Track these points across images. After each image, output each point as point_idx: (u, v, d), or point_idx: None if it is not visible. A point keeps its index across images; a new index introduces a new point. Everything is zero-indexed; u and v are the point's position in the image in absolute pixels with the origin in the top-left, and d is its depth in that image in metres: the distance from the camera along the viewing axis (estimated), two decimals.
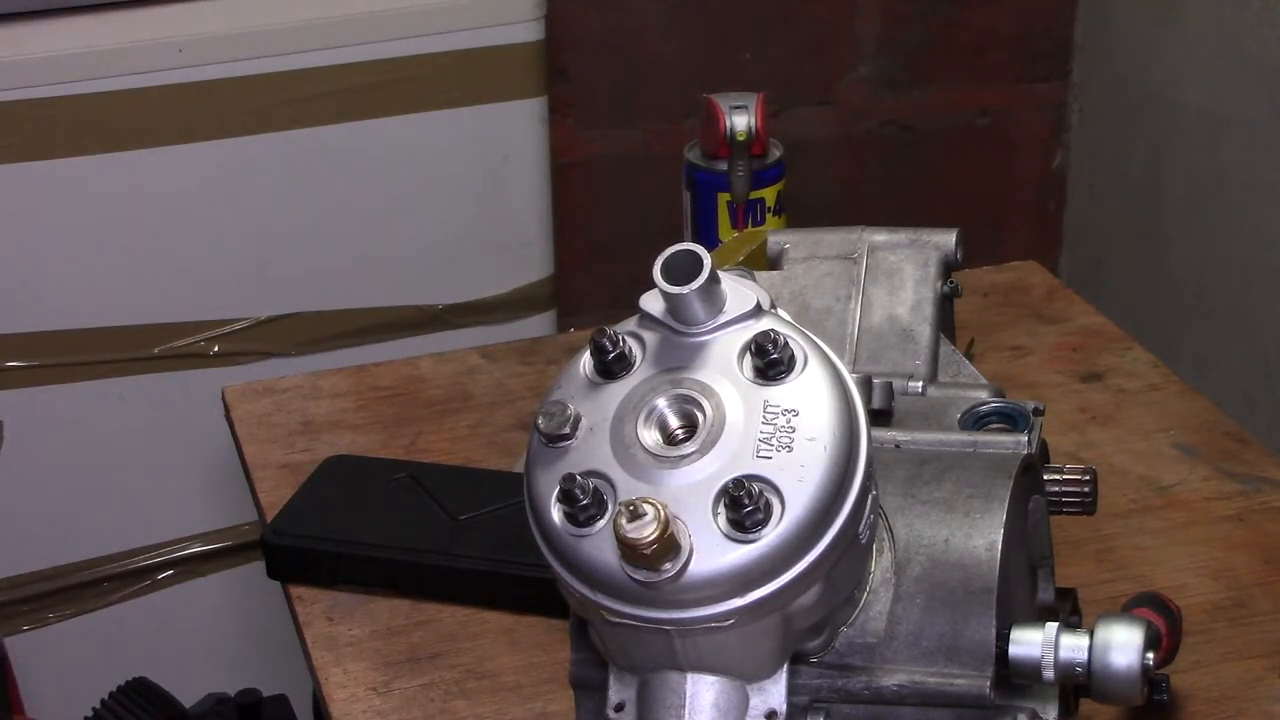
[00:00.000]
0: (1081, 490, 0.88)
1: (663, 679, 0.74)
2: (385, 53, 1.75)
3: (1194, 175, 2.08)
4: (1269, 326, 1.98)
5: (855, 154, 2.24)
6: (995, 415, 0.88)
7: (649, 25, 2.11)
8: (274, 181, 1.75)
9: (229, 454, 1.35)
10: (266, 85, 1.72)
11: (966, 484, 0.80)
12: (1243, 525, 1.17)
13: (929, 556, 0.78)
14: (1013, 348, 1.39)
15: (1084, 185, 2.32)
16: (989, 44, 2.24)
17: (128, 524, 1.81)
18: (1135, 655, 0.76)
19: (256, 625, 1.86)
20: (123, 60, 1.68)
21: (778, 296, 0.93)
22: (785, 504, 0.70)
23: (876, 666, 0.77)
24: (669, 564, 0.69)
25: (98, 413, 1.77)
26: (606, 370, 0.74)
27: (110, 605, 1.83)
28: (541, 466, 0.73)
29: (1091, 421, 1.29)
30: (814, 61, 2.18)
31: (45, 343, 1.74)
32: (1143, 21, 2.14)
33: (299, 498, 1.19)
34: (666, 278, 0.72)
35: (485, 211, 1.83)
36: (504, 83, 1.79)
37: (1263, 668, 1.04)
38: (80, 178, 1.70)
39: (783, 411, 0.71)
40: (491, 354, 1.41)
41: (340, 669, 1.07)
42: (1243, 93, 1.97)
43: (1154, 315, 2.16)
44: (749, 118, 1.45)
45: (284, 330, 1.80)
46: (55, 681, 1.82)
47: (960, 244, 0.99)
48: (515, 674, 1.06)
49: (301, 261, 1.79)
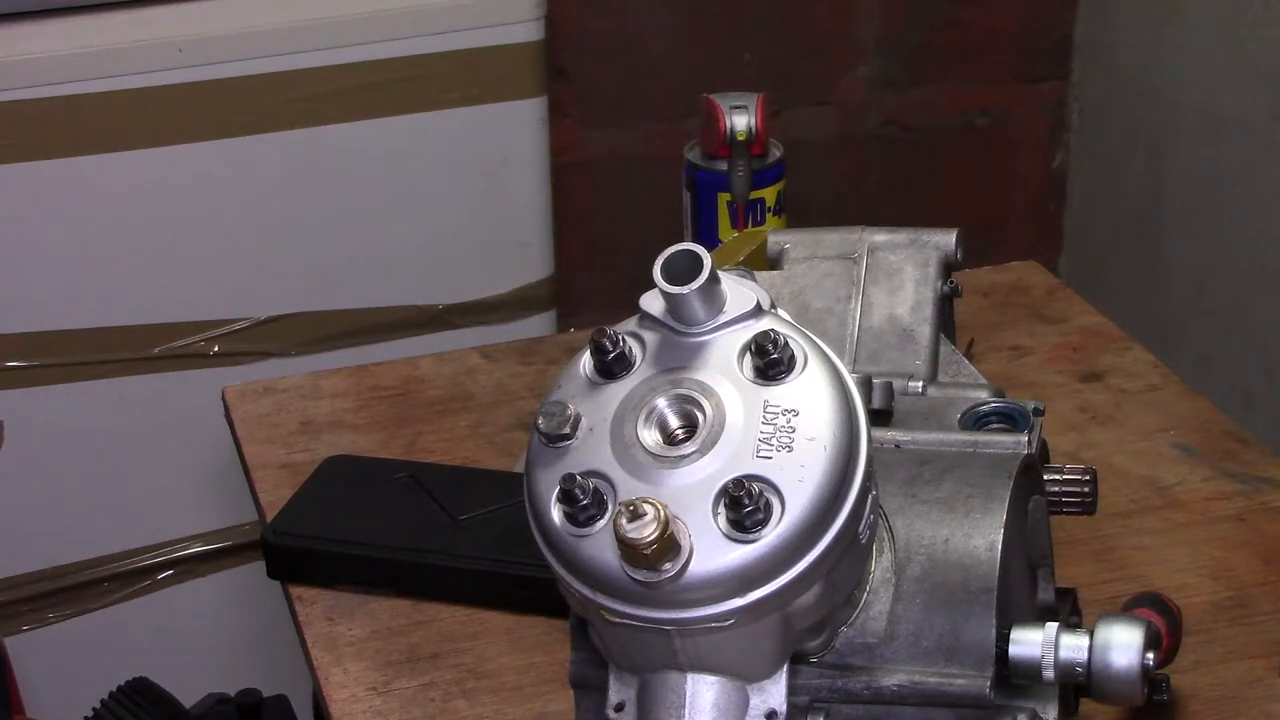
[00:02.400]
0: (1081, 490, 0.88)
1: (663, 679, 0.74)
2: (385, 53, 1.75)
3: (1194, 175, 2.08)
4: (1269, 326, 1.98)
5: (855, 154, 2.24)
6: (995, 415, 0.88)
7: (649, 25, 2.11)
8: (274, 181, 1.76)
9: (229, 454, 1.35)
10: (266, 85, 1.72)
11: (966, 484, 0.80)
12: (1243, 525, 1.17)
13: (929, 556, 0.78)
14: (1013, 348, 1.39)
15: (1084, 185, 2.32)
16: (989, 44, 2.24)
17: (128, 524, 1.81)
18: (1135, 655, 0.76)
19: (256, 625, 1.86)
20: (123, 60, 1.68)
21: (778, 296, 0.93)
22: (785, 504, 0.70)
23: (876, 666, 0.77)
24: (669, 564, 0.69)
25: (98, 413, 1.77)
26: (606, 370, 0.74)
27: (110, 605, 1.83)
28: (541, 466, 0.73)
29: (1091, 421, 1.29)
30: (814, 61, 2.18)
31: (45, 343, 1.74)
32: (1143, 21, 2.14)
33: (299, 498, 1.19)
34: (666, 278, 0.72)
35: (485, 211, 1.83)
36: (504, 83, 1.79)
37: (1263, 668, 1.04)
38: (80, 178, 1.70)
39: (783, 411, 0.71)
40: (491, 354, 1.41)
41: (340, 669, 1.07)
42: (1243, 93, 1.97)
43: (1154, 315, 2.16)
44: (749, 118, 1.45)
45: (284, 330, 1.80)
46: (55, 681, 1.82)
47: (960, 244, 0.99)
48: (515, 674, 1.06)
49: (301, 261, 1.79)
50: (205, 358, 1.78)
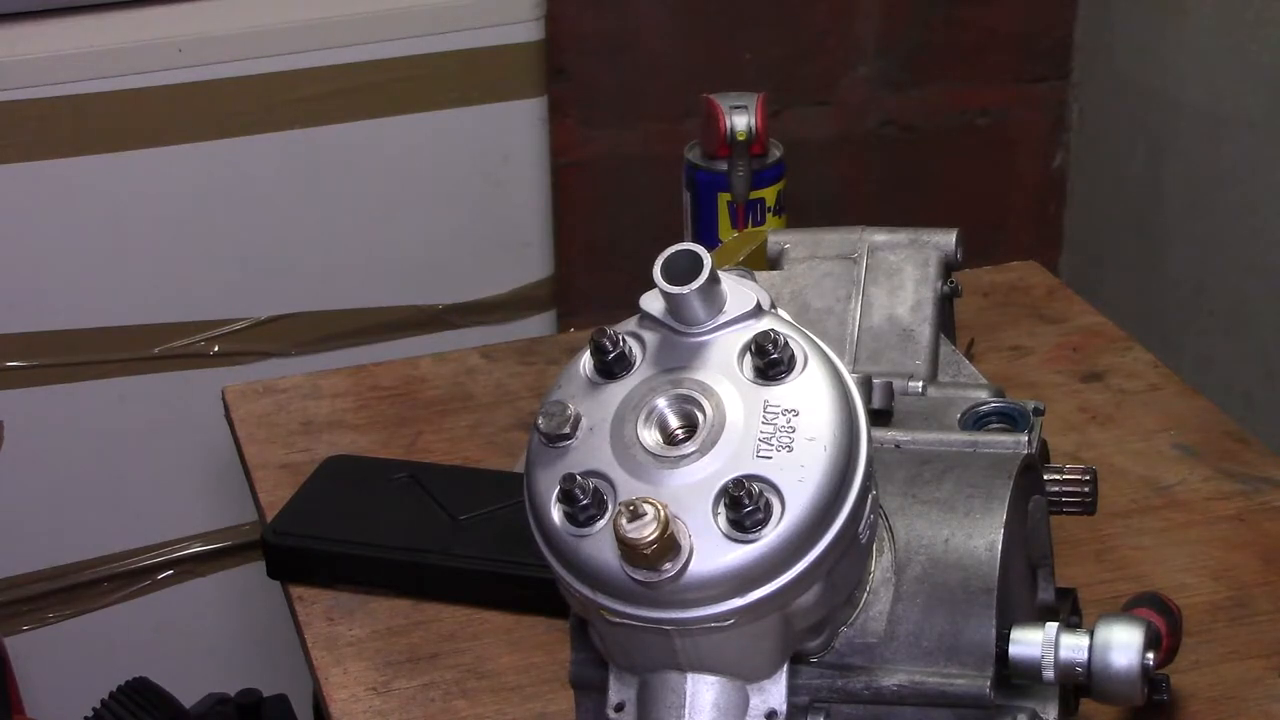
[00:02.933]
0: (1081, 490, 0.88)
1: (663, 679, 0.74)
2: (385, 53, 1.75)
3: (1194, 175, 2.08)
4: (1269, 326, 1.98)
5: (855, 154, 2.24)
6: (995, 415, 0.88)
7: (649, 25, 2.11)
8: (274, 181, 1.75)
9: (229, 454, 1.35)
10: (266, 85, 1.72)
11: (966, 484, 0.80)
12: (1243, 525, 1.17)
13: (929, 556, 0.78)
14: (1013, 348, 1.39)
15: (1084, 185, 2.32)
16: (989, 44, 2.24)
17: (128, 524, 1.81)
18: (1135, 655, 0.76)
19: (256, 625, 1.86)
20: (123, 60, 1.68)
21: (778, 296, 0.93)
22: (785, 504, 0.70)
23: (876, 666, 0.77)
24: (669, 564, 0.69)
25: (98, 413, 1.77)
26: (606, 370, 0.74)
27: (110, 605, 1.83)
28: (541, 466, 0.73)
29: (1091, 421, 1.29)
30: (814, 61, 2.18)
31: (45, 343, 1.74)
32: (1143, 21, 2.14)
33: (299, 498, 1.19)
34: (666, 278, 0.72)
35: (485, 211, 1.83)
36: (504, 83, 1.79)
37: (1263, 668, 1.04)
38: (80, 178, 1.70)
39: (783, 411, 0.71)
40: (491, 354, 1.41)
41: (340, 669, 1.07)
42: (1243, 93, 1.97)
43: (1154, 315, 2.16)
44: (749, 118, 1.45)
45: (284, 330, 1.80)
46: (55, 681, 1.82)
47: (960, 244, 0.99)
48: (515, 674, 1.06)
49: (301, 261, 1.79)
50: (205, 358, 1.78)
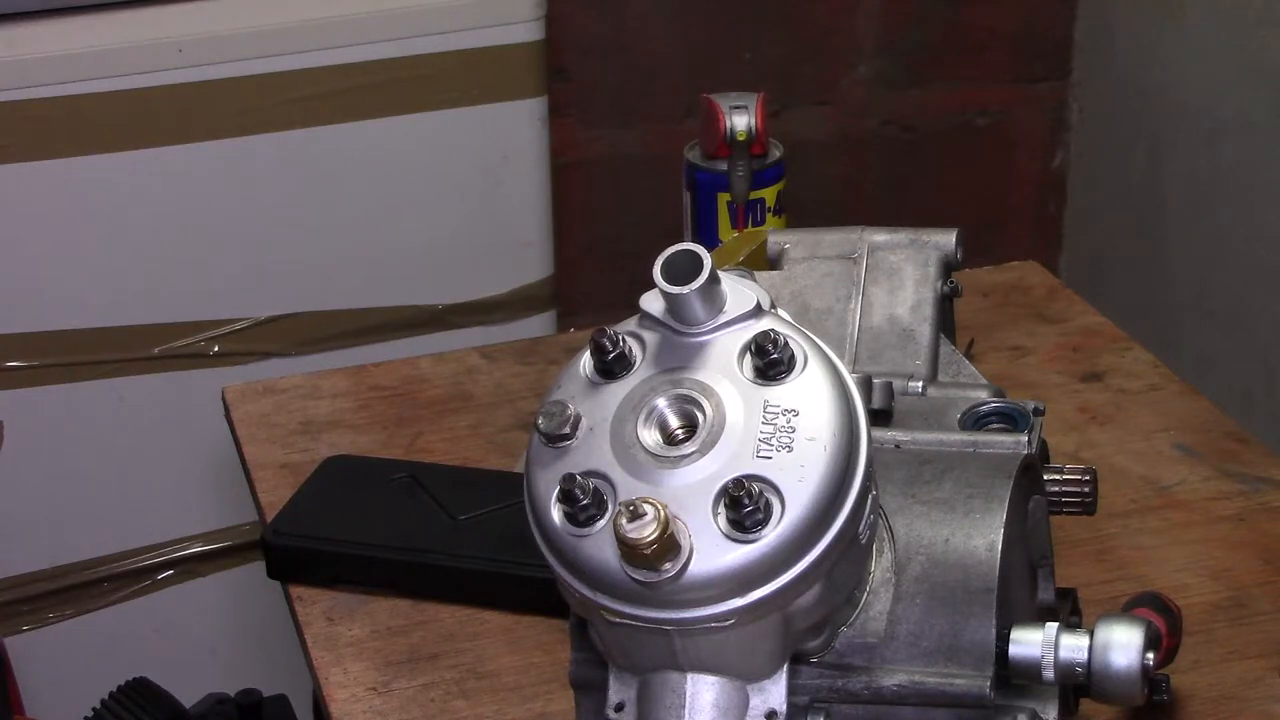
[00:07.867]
0: (1081, 490, 0.88)
1: (663, 679, 0.74)
2: (385, 53, 1.75)
3: (1194, 175, 2.08)
4: (1269, 326, 1.98)
5: (855, 154, 2.24)
6: (995, 415, 0.88)
7: (649, 25, 2.11)
8: (274, 181, 1.75)
9: (229, 454, 1.35)
10: (266, 85, 1.72)
11: (966, 484, 0.80)
12: (1243, 525, 1.17)
13: (929, 556, 0.78)
14: (1013, 348, 1.39)
15: (1084, 185, 2.32)
16: (989, 44, 2.24)
17: (128, 524, 1.81)
18: (1135, 655, 0.76)
19: (256, 625, 1.86)
20: (123, 60, 1.68)
21: (778, 296, 0.93)
22: (785, 504, 0.70)
23: (876, 666, 0.77)
24: (669, 564, 0.69)
25: (98, 413, 1.77)
26: (606, 370, 0.74)
27: (110, 605, 1.83)
28: (541, 466, 0.73)
29: (1091, 421, 1.29)
30: (814, 61, 2.18)
31: (45, 343, 1.74)
32: (1143, 21, 2.14)
33: (299, 498, 1.19)
34: (666, 278, 0.72)
35: (485, 211, 1.83)
36: (504, 83, 1.79)
37: (1263, 668, 1.04)
38: (80, 178, 1.70)
39: (783, 411, 0.71)
40: (491, 354, 1.41)
41: (340, 669, 1.07)
42: (1243, 93, 1.97)
43: (1154, 315, 2.16)
44: (749, 118, 1.45)
45: (284, 330, 1.80)
46: (55, 681, 1.82)
47: (960, 244, 0.99)
48: (515, 674, 1.06)
49: (301, 261, 1.79)
50: (205, 358, 1.78)
